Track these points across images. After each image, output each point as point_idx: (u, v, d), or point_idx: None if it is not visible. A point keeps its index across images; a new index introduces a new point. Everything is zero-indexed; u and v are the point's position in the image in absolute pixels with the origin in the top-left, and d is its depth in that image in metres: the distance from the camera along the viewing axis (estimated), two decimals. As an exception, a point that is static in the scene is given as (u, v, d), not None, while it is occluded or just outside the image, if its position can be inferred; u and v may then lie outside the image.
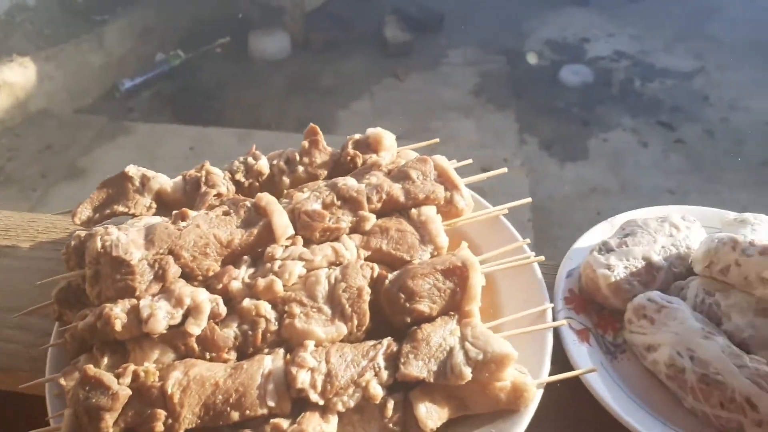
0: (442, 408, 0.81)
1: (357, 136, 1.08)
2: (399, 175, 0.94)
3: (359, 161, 1.01)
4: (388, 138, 1.06)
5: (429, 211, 0.92)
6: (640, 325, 0.92)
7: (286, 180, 1.02)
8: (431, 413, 0.80)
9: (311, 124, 1.06)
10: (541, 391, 0.85)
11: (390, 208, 0.94)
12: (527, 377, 0.84)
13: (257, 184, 1.02)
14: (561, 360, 0.91)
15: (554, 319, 0.96)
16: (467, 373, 0.79)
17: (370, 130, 1.08)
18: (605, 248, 0.99)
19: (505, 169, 1.08)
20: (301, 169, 1.02)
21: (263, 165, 1.02)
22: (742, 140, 4.76)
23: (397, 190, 0.92)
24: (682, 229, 1.01)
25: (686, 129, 4.81)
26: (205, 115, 4.44)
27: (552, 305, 0.93)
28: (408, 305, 0.82)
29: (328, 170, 1.03)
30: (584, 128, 4.82)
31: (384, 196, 0.92)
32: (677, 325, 0.88)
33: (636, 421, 0.83)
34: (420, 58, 5.56)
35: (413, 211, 0.92)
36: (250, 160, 1.03)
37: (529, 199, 1.04)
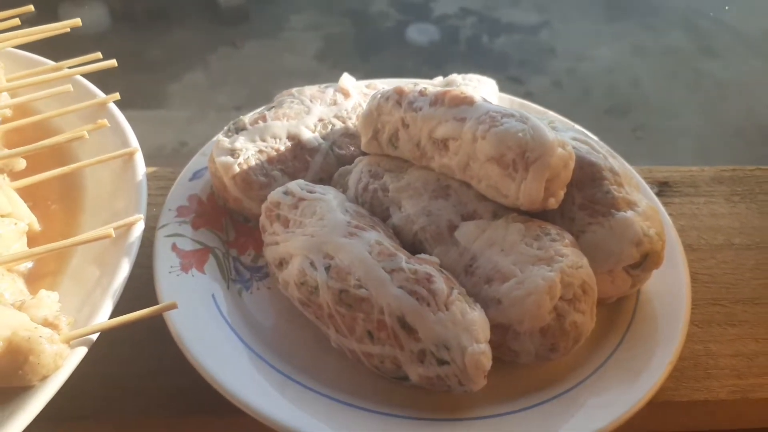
0: None
1: None
2: None
3: None
4: None
5: None
6: (273, 232, 0.60)
7: None
8: None
9: None
10: (81, 350, 0.51)
11: None
12: (40, 331, 0.49)
13: None
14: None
15: (155, 240, 0.63)
16: None
17: None
18: (235, 127, 0.66)
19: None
20: None
21: None
22: (588, 89, 4.79)
23: None
24: (353, 95, 0.70)
25: (535, 82, 4.74)
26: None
27: (140, 217, 0.59)
28: None
29: None
30: (434, 88, 4.66)
31: None
32: (315, 223, 0.57)
33: (231, 371, 0.52)
34: (259, 25, 5.14)
35: None
36: None
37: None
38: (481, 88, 0.73)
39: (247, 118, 0.66)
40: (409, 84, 0.62)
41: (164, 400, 0.59)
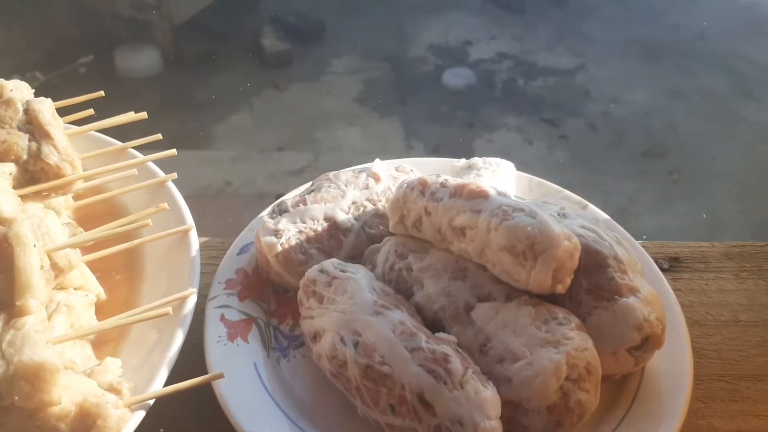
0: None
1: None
2: (-38, 123, 0.67)
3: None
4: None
5: (-12, 171, 0.65)
6: (308, 307, 0.67)
7: None
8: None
9: None
10: (140, 414, 0.58)
11: None
12: (106, 397, 0.57)
13: None
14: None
15: (206, 311, 0.70)
16: (-23, 397, 0.51)
17: None
18: (279, 209, 0.74)
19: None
20: None
21: None
22: (623, 132, 4.79)
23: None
24: (383, 179, 0.77)
25: (570, 124, 4.79)
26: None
27: (193, 291, 0.67)
28: None
29: None
30: (469, 130, 4.72)
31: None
32: (345, 301, 0.64)
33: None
34: (301, 68, 5.33)
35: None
36: None
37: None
38: (500, 170, 0.80)
39: (289, 201, 0.74)
40: (432, 176, 0.69)
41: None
